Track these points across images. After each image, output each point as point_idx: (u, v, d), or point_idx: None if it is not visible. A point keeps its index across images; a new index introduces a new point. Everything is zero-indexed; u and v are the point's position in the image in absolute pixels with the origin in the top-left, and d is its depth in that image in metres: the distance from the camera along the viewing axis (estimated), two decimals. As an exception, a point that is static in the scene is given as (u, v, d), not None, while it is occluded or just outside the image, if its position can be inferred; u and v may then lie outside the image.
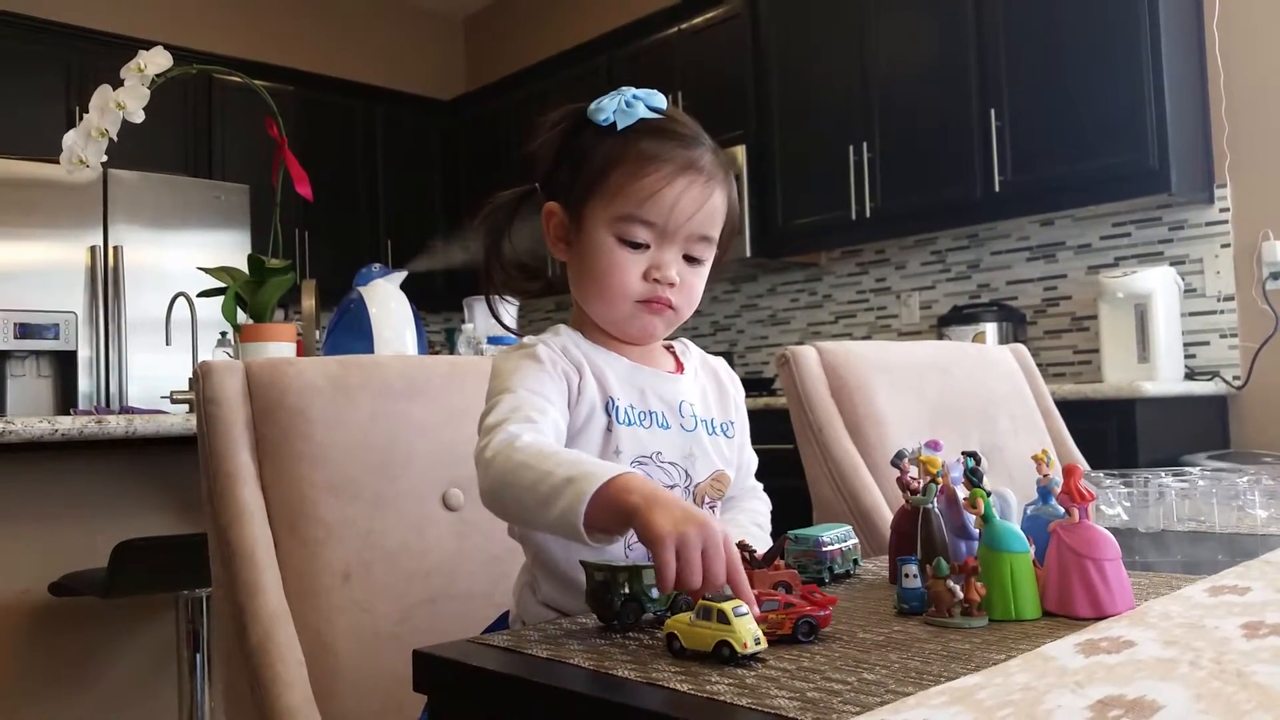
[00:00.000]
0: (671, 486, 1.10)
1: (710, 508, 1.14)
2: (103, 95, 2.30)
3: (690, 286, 1.13)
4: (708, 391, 1.20)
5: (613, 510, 0.88)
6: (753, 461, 1.25)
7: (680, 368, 1.19)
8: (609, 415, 1.09)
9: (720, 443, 1.17)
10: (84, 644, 2.30)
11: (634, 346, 1.16)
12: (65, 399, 4.51)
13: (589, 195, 1.10)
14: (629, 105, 1.10)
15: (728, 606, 0.77)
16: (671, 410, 1.13)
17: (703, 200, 1.10)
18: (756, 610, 0.82)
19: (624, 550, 1.06)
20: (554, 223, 1.15)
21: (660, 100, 1.13)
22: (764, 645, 0.78)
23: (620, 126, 1.09)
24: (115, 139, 2.32)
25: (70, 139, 2.30)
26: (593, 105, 1.11)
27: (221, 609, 1.27)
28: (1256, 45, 3.50)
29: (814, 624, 0.83)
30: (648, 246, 1.09)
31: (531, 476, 0.93)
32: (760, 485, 1.27)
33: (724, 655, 0.76)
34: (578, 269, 1.13)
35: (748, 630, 0.77)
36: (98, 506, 2.29)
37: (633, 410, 1.10)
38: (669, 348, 1.22)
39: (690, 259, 1.12)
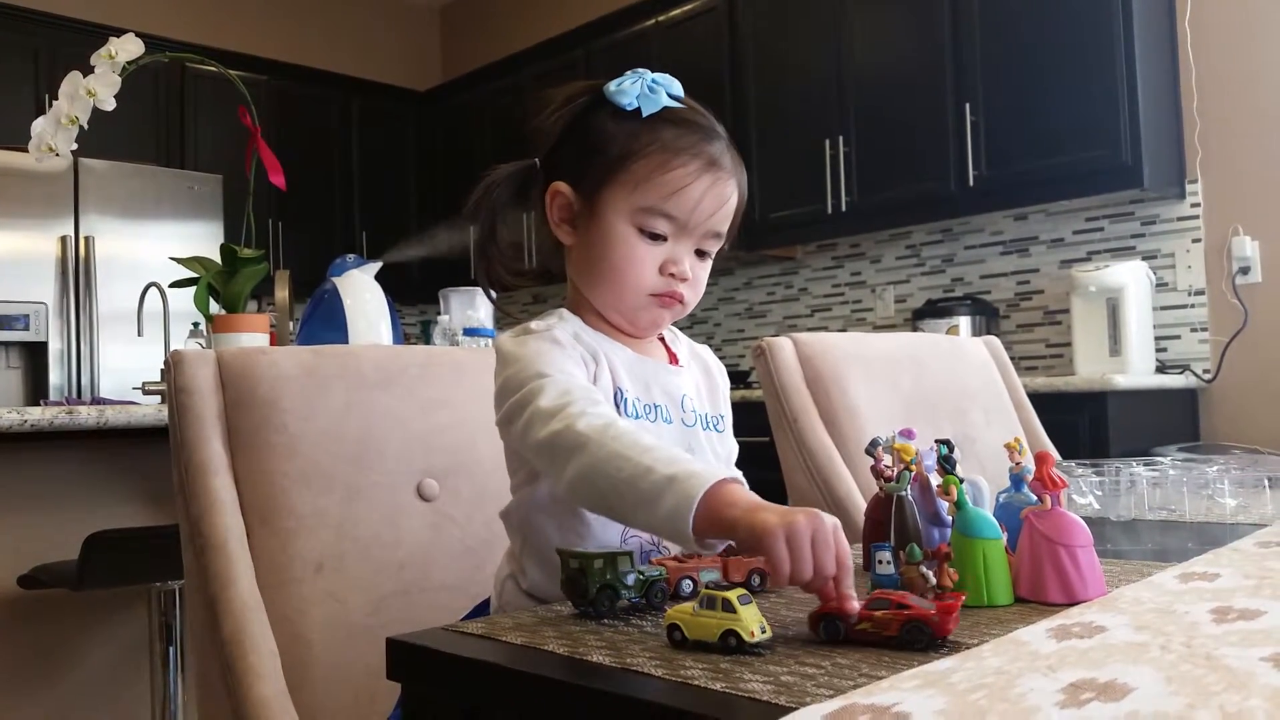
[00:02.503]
0: None
1: None
2: (73, 82, 2.27)
3: (699, 280, 1.12)
4: (700, 384, 1.19)
5: (714, 520, 0.85)
6: (734, 450, 1.25)
7: (673, 358, 1.18)
8: (618, 406, 1.07)
9: (713, 438, 1.16)
10: (54, 638, 2.28)
11: (633, 337, 1.14)
12: (36, 391, 4.47)
13: (607, 181, 1.07)
14: (652, 90, 1.08)
15: (732, 595, 0.76)
16: (674, 404, 1.12)
17: (724, 199, 1.09)
18: (854, 607, 0.79)
19: (619, 539, 1.05)
20: (559, 204, 1.12)
21: (679, 88, 1.11)
22: (769, 634, 0.77)
23: (646, 113, 1.07)
24: (85, 127, 2.30)
25: (39, 126, 2.27)
26: (613, 86, 1.09)
27: (193, 600, 1.26)
28: (1227, 43, 3.53)
29: (925, 628, 0.75)
30: (664, 239, 1.08)
31: (629, 470, 0.90)
32: (740, 473, 1.27)
33: (730, 645, 0.75)
34: (586, 255, 1.11)
35: (754, 618, 0.76)
36: (68, 498, 2.26)
37: (639, 403, 1.09)
38: (659, 335, 1.20)
39: (700, 252, 1.11)
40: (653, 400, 1.10)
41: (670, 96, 1.09)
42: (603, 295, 1.11)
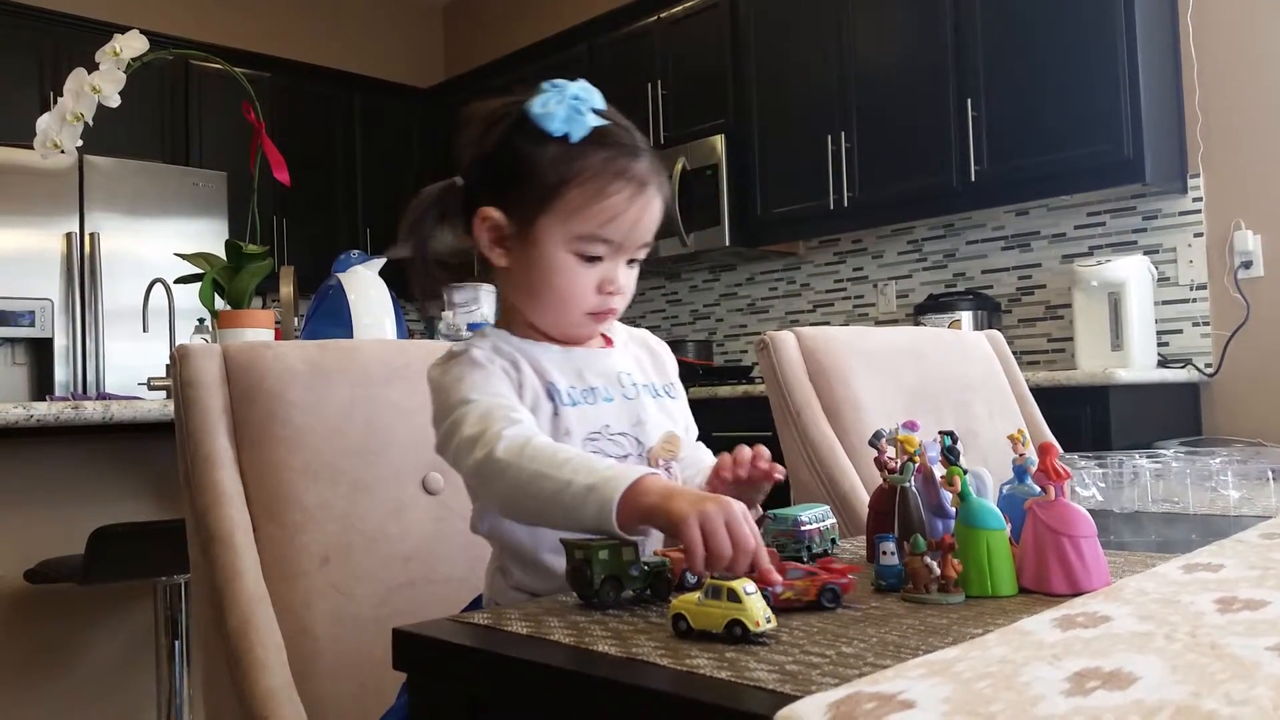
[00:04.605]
0: (624, 457, 1.10)
1: (665, 469, 1.13)
2: (77, 79, 2.28)
3: (630, 288, 1.14)
4: (642, 360, 1.21)
5: (634, 513, 0.90)
6: (693, 429, 1.24)
7: (609, 343, 1.19)
8: (553, 401, 1.08)
9: (666, 404, 1.17)
10: (61, 631, 2.29)
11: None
12: (41, 387, 4.48)
13: (540, 210, 1.07)
14: (577, 111, 1.07)
15: (738, 585, 0.77)
16: (611, 382, 1.13)
17: (656, 215, 1.11)
18: (778, 579, 0.84)
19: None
20: (489, 227, 1.11)
21: (599, 99, 1.10)
22: (774, 624, 0.77)
23: (575, 138, 1.06)
24: (90, 123, 2.31)
25: (44, 122, 2.28)
26: (537, 108, 1.08)
27: (200, 593, 1.26)
28: (1229, 37, 3.53)
29: (837, 591, 0.86)
30: (600, 259, 1.09)
31: (551, 486, 0.94)
32: (702, 445, 1.26)
33: (735, 634, 0.76)
34: (525, 279, 1.11)
35: (759, 608, 0.77)
36: (74, 493, 2.27)
37: (574, 390, 1.10)
38: None
39: (631, 261, 1.13)
40: (588, 385, 1.12)
41: (594, 112, 1.08)
42: (542, 316, 1.13)
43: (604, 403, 1.11)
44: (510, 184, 1.09)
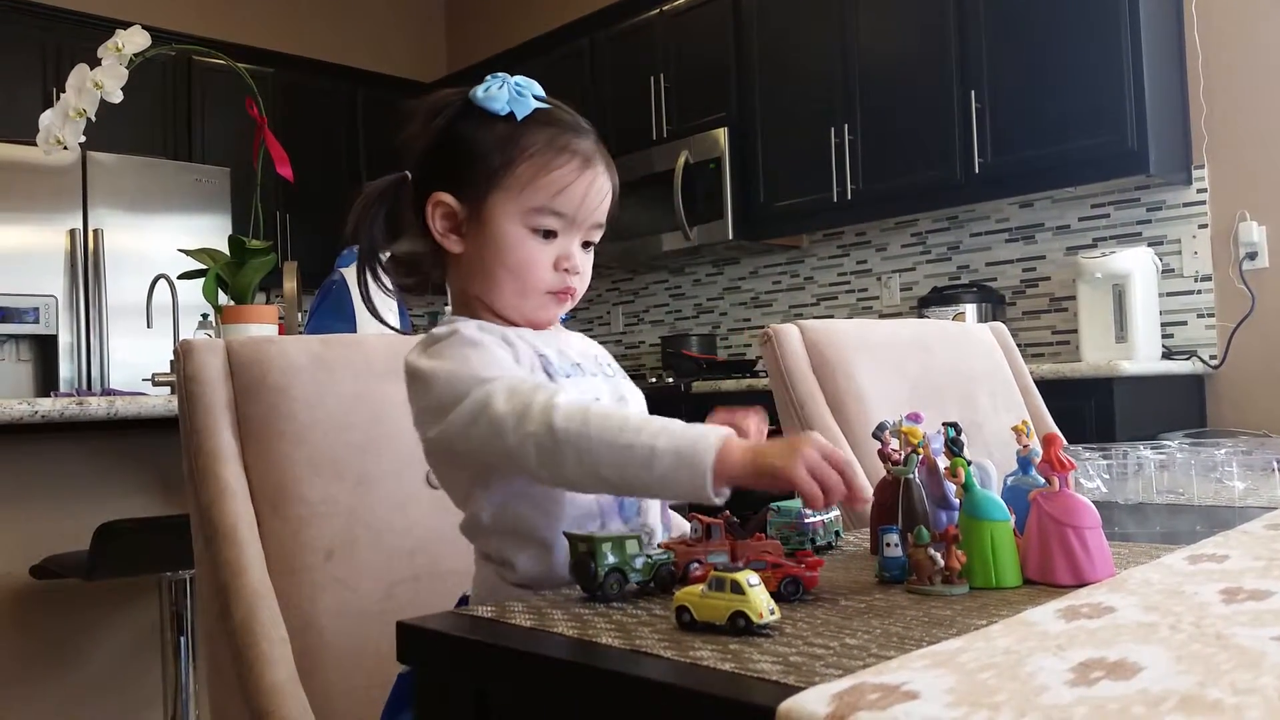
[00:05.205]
0: None
1: None
2: (80, 75, 2.28)
3: (587, 271, 1.14)
4: (597, 353, 1.22)
5: (726, 478, 0.89)
6: None
7: None
8: (546, 371, 1.08)
9: (634, 386, 1.18)
10: (66, 627, 2.30)
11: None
12: (46, 384, 4.49)
13: (492, 188, 1.09)
14: (519, 94, 1.10)
15: (740, 577, 0.77)
16: (590, 361, 1.14)
17: (605, 191, 1.12)
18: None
19: (594, 502, 1.05)
20: (442, 214, 1.11)
21: (540, 89, 1.13)
22: (778, 615, 0.77)
23: (520, 116, 1.09)
24: (93, 119, 2.31)
25: (47, 119, 2.28)
26: (481, 93, 1.10)
27: (204, 588, 1.26)
28: (1234, 27, 3.52)
29: (799, 582, 0.87)
30: (555, 235, 1.10)
31: (636, 457, 0.91)
32: None
33: (739, 626, 0.76)
34: (480, 261, 1.11)
35: (762, 600, 0.77)
36: (79, 489, 2.28)
37: (564, 363, 1.10)
38: None
39: (585, 244, 1.14)
40: (571, 361, 1.12)
41: (535, 98, 1.11)
42: (502, 297, 1.11)
43: (591, 377, 1.12)
44: (460, 167, 1.11)
